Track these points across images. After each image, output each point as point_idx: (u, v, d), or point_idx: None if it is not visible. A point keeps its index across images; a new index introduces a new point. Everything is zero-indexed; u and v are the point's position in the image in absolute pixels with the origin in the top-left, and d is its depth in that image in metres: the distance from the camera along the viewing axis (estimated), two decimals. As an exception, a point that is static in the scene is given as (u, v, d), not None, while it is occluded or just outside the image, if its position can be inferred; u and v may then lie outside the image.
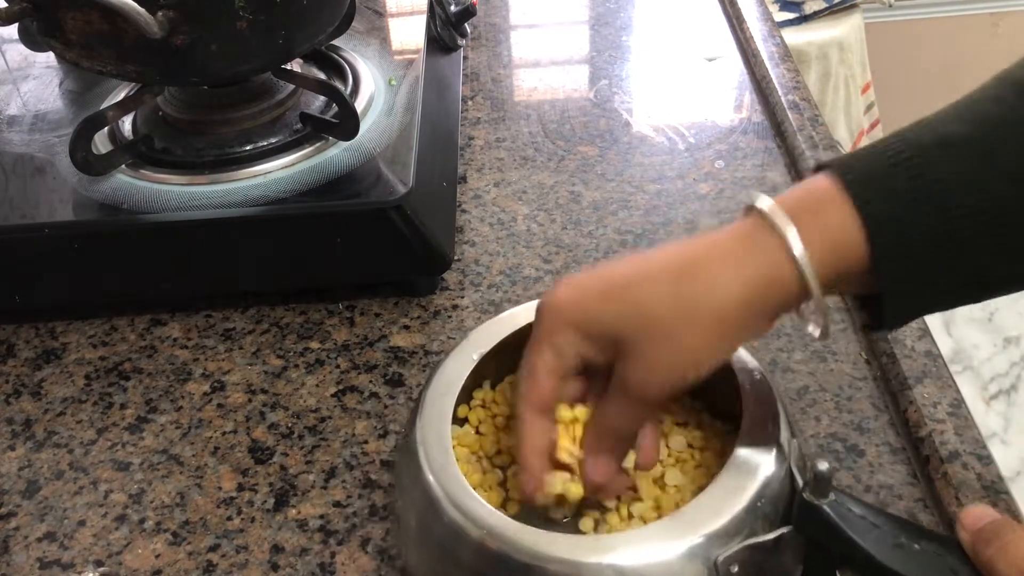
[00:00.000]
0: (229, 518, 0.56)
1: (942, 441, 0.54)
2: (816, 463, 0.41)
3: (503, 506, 0.50)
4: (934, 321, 2.17)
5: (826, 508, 0.41)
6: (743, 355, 0.49)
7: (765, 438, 0.45)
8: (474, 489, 0.45)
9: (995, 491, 0.52)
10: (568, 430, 0.47)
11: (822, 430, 0.58)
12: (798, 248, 0.40)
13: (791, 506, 0.43)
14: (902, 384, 0.59)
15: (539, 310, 0.45)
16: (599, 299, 0.43)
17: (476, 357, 0.51)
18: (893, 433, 0.58)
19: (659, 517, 0.47)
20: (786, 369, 0.62)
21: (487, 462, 0.52)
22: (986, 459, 0.54)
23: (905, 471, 0.55)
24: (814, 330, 0.44)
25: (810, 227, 0.41)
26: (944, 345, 2.04)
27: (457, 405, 0.49)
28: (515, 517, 0.49)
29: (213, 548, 0.54)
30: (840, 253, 0.41)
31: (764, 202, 0.42)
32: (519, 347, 0.52)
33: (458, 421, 0.51)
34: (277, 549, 0.54)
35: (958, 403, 0.57)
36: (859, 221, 0.40)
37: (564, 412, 0.47)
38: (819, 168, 0.43)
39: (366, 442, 0.60)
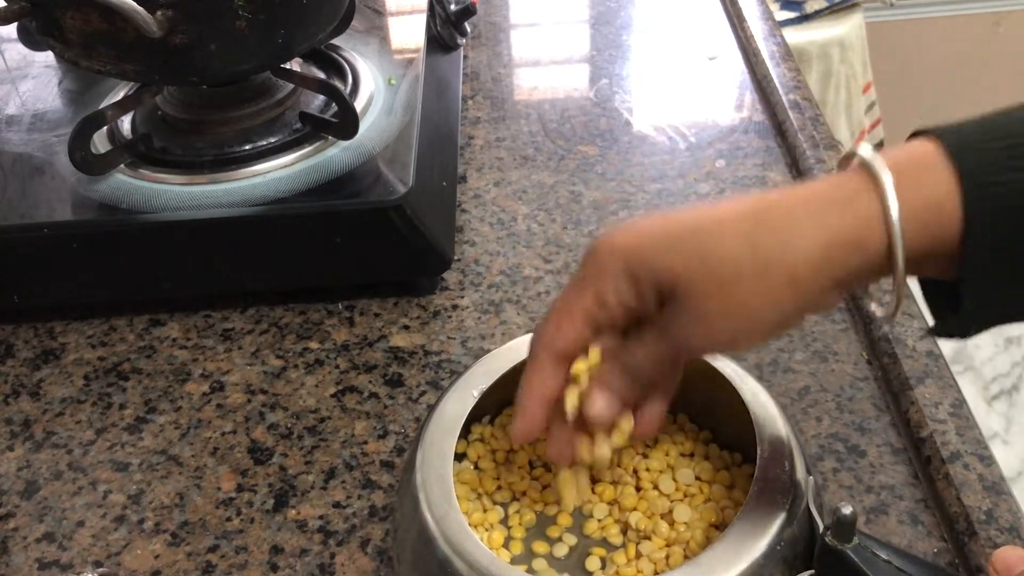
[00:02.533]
0: (228, 519, 0.56)
1: (943, 441, 0.54)
2: (839, 507, 0.39)
3: (506, 545, 0.49)
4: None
5: (850, 553, 0.40)
6: (755, 387, 0.48)
7: (780, 477, 0.43)
8: (474, 528, 0.44)
9: (996, 492, 0.52)
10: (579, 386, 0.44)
11: (823, 430, 0.58)
12: (893, 204, 0.36)
13: (811, 548, 0.42)
14: (903, 384, 0.58)
15: (591, 250, 0.41)
16: (662, 244, 0.39)
17: (476, 394, 0.50)
18: (894, 433, 0.58)
19: (668, 556, 0.46)
20: (787, 369, 0.62)
21: (487, 499, 0.51)
22: (988, 459, 0.53)
23: (906, 471, 0.55)
24: (878, 309, 0.41)
25: (906, 189, 0.37)
26: (945, 345, 2.03)
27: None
28: (518, 556, 0.49)
29: (212, 549, 0.54)
30: (932, 220, 0.37)
31: (865, 150, 0.38)
32: (519, 380, 0.51)
33: (457, 456, 0.49)
34: (276, 550, 0.54)
35: (959, 403, 0.57)
36: (956, 187, 0.36)
37: (579, 365, 0.43)
38: (915, 135, 0.39)
39: (366, 442, 0.60)
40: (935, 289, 0.41)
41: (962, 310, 0.39)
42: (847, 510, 0.39)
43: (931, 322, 0.42)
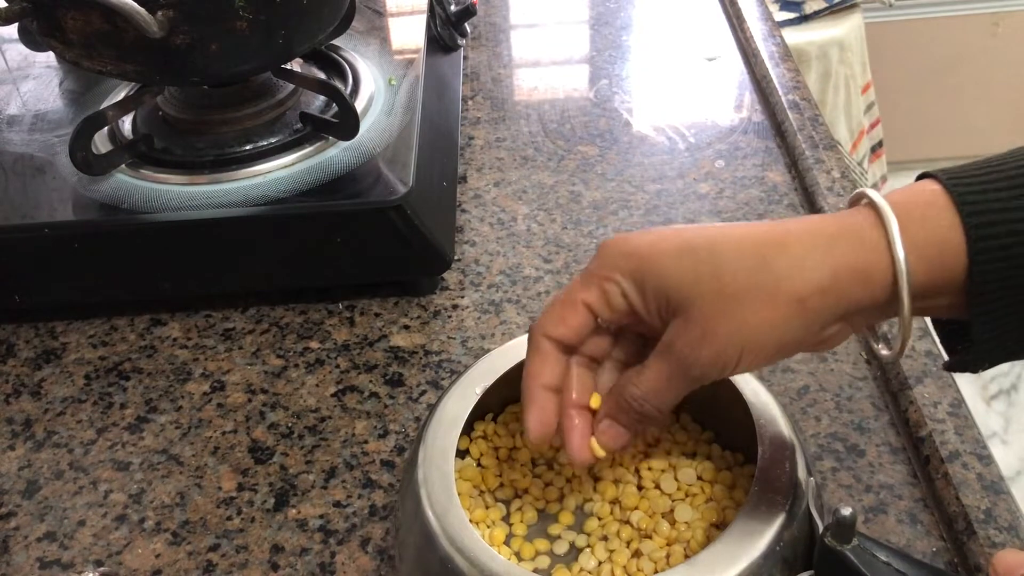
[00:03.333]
0: (229, 518, 0.56)
1: (942, 441, 0.54)
2: (839, 508, 0.39)
3: (507, 543, 0.49)
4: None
5: (849, 554, 0.40)
6: (757, 387, 0.48)
7: (781, 477, 0.43)
8: (476, 525, 0.44)
9: (995, 491, 0.52)
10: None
11: (822, 430, 0.58)
12: (896, 235, 0.37)
13: (811, 548, 0.42)
14: (902, 384, 0.59)
15: (604, 247, 0.41)
16: (674, 254, 0.40)
17: (479, 391, 0.50)
18: (893, 433, 0.58)
19: (669, 555, 0.47)
20: (786, 369, 0.62)
21: (489, 496, 0.51)
22: (986, 459, 0.53)
23: (905, 471, 0.55)
24: (883, 349, 0.42)
25: (911, 226, 0.38)
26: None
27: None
28: (519, 553, 0.49)
29: (213, 548, 0.54)
30: (936, 255, 0.38)
31: (872, 193, 0.39)
32: (521, 377, 0.51)
33: (459, 453, 0.50)
34: (277, 549, 0.54)
35: (958, 403, 0.57)
36: (960, 227, 0.38)
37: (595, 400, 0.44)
38: (921, 177, 0.41)
39: (366, 442, 0.60)
40: (947, 326, 0.42)
41: (973, 346, 0.40)
42: (846, 511, 0.39)
43: (945, 358, 0.43)
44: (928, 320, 0.44)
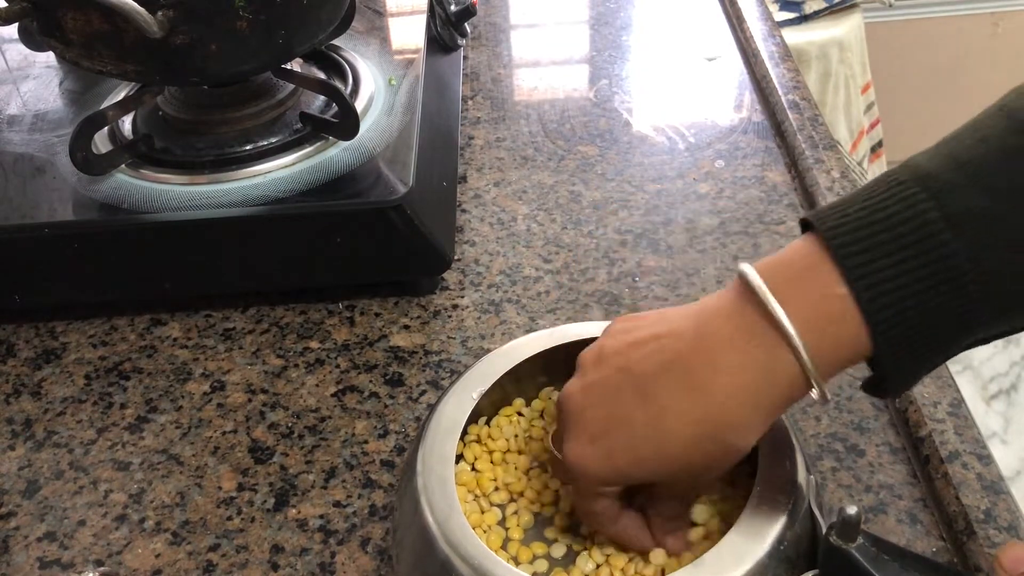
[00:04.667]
0: (229, 518, 0.56)
1: (942, 441, 0.54)
2: (844, 507, 0.40)
3: (504, 547, 0.49)
4: (934, 321, 2.15)
5: (855, 552, 0.40)
6: None
7: (782, 477, 0.44)
8: (473, 529, 0.44)
9: (995, 491, 0.52)
10: None
11: (822, 430, 0.58)
12: (798, 343, 0.39)
13: (813, 547, 0.42)
14: (902, 384, 0.59)
15: (574, 471, 0.44)
16: (630, 466, 0.43)
17: (476, 396, 0.50)
18: (893, 433, 0.58)
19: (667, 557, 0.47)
20: (786, 369, 0.62)
21: (484, 500, 0.51)
22: (986, 459, 0.54)
23: (905, 471, 0.55)
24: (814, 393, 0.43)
25: (803, 308, 0.39)
26: (944, 345, 2.02)
27: None
28: (518, 556, 0.49)
29: (213, 548, 0.54)
30: (838, 339, 0.39)
31: (752, 277, 0.40)
32: (515, 380, 0.50)
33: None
34: (277, 549, 0.54)
35: (958, 403, 0.57)
36: (858, 312, 0.38)
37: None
38: (805, 227, 0.41)
39: (366, 442, 0.60)
40: None
41: (886, 386, 0.41)
42: (852, 510, 0.39)
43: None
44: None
